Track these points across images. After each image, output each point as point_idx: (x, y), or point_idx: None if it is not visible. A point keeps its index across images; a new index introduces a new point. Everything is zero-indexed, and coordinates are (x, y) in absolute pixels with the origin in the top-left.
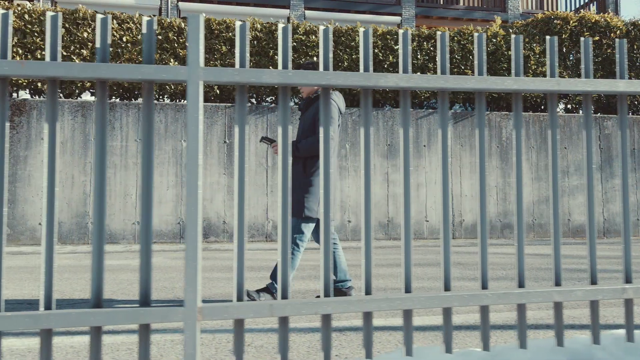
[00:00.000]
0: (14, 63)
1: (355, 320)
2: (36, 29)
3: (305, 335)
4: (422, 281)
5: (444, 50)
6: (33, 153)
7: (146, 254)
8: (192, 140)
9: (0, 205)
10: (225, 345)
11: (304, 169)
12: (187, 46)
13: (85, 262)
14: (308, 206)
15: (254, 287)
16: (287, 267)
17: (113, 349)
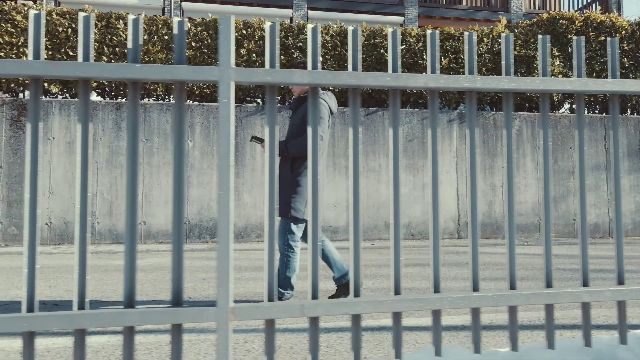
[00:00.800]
0: (47, 64)
1: (370, 320)
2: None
3: (322, 335)
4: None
5: (471, 51)
6: (40, 153)
7: (178, 254)
8: (224, 140)
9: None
10: (242, 345)
11: (292, 169)
12: (218, 47)
13: (94, 262)
14: (294, 206)
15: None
16: (316, 267)
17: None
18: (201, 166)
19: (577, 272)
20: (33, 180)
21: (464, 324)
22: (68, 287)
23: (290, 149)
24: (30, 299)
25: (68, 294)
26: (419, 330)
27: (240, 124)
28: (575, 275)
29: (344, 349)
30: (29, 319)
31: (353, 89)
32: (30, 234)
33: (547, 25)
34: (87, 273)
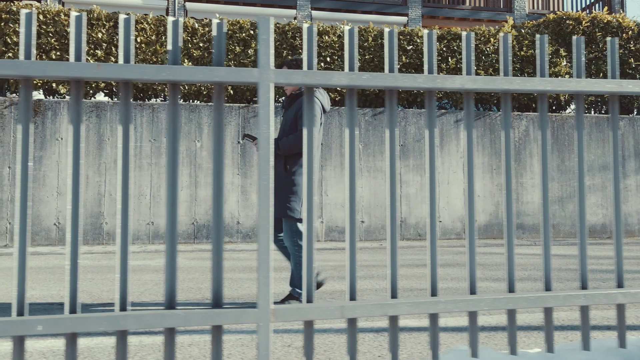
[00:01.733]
0: (91, 66)
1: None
2: (50, 29)
3: (342, 335)
4: (446, 282)
5: (506, 52)
6: (48, 153)
7: (217, 256)
8: (263, 141)
9: None
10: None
11: (285, 168)
12: (257, 49)
13: (104, 262)
14: (291, 207)
15: (282, 287)
16: (354, 269)
17: (155, 349)
18: (209, 166)
19: (592, 272)
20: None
21: (484, 325)
22: (83, 288)
23: (282, 146)
24: (72, 301)
25: (84, 294)
26: (440, 331)
27: (248, 124)
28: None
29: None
30: (73, 320)
31: (389, 90)
32: (73, 235)
33: (553, 26)
34: (128, 275)
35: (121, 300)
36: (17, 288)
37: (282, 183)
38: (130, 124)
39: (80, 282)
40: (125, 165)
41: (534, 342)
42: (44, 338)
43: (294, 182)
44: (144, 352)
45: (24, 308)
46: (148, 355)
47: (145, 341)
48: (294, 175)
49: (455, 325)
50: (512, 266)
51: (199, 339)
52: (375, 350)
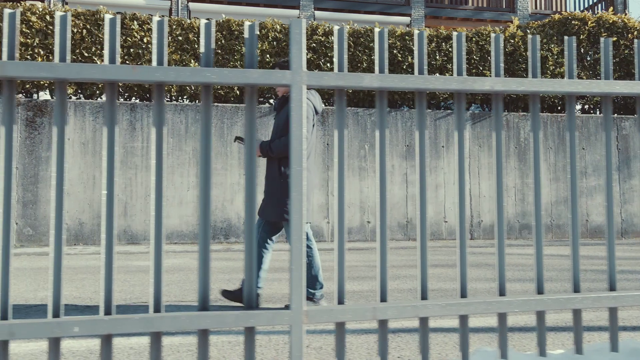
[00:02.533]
0: (125, 68)
1: (406, 322)
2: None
3: (360, 336)
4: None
5: (535, 53)
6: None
7: (249, 258)
8: (296, 142)
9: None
10: (283, 347)
11: (279, 171)
12: (290, 51)
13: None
14: (288, 210)
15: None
16: (385, 270)
17: (173, 349)
18: (215, 167)
19: (601, 273)
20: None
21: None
22: (96, 289)
23: (274, 149)
24: (107, 302)
25: (98, 295)
26: (457, 332)
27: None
28: (599, 277)
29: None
30: (109, 322)
31: (419, 92)
32: (107, 239)
33: (559, 26)
34: (162, 277)
35: (155, 302)
36: (53, 289)
37: (277, 186)
38: (163, 126)
39: (90, 282)
40: (159, 166)
41: (551, 343)
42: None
43: (289, 185)
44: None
45: (60, 309)
46: (168, 356)
47: (164, 342)
48: (288, 178)
49: (473, 326)
50: (541, 268)
51: (216, 339)
52: (394, 352)
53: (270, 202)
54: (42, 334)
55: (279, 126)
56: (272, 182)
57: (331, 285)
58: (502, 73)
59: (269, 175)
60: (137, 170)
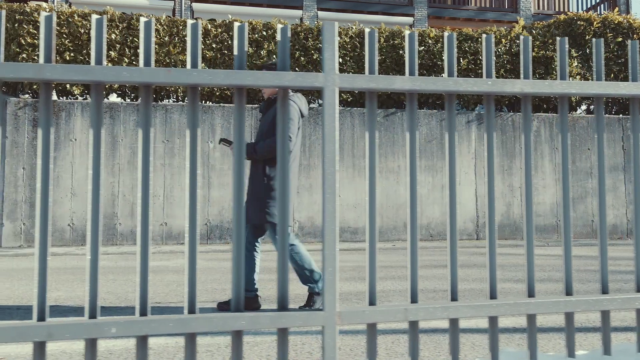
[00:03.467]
0: (160, 71)
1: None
2: (64, 30)
3: (384, 337)
4: (468, 283)
5: (563, 56)
6: (62, 154)
7: (283, 260)
8: (329, 144)
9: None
10: (300, 348)
11: (264, 173)
12: (322, 53)
13: (122, 263)
14: (270, 212)
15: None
16: (415, 271)
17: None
18: (222, 167)
19: (611, 274)
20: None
21: (517, 326)
22: (108, 289)
23: (259, 151)
24: (143, 304)
25: (110, 295)
26: (472, 333)
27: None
28: (611, 277)
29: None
30: (145, 323)
31: (449, 94)
32: (142, 241)
33: (564, 27)
34: (196, 278)
35: (189, 303)
36: (89, 290)
37: (261, 188)
38: (197, 128)
39: (103, 282)
40: (193, 168)
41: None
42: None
43: (272, 187)
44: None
45: (96, 310)
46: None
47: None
48: (273, 180)
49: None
50: (569, 270)
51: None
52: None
53: (253, 205)
54: (80, 334)
55: (263, 128)
56: (256, 184)
57: (357, 286)
58: (530, 76)
59: (253, 178)
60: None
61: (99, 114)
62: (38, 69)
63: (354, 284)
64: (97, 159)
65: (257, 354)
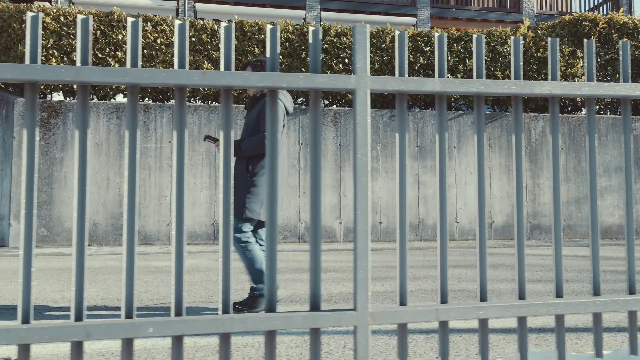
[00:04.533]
0: (196, 73)
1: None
2: (72, 30)
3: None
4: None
5: (590, 59)
6: (69, 155)
7: (315, 261)
8: (361, 145)
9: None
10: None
11: (246, 169)
12: (354, 55)
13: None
14: (250, 207)
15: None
16: (445, 272)
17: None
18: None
19: (620, 274)
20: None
21: (542, 327)
22: (121, 290)
23: (244, 148)
24: (178, 304)
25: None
26: (492, 333)
27: None
28: (619, 277)
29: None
30: (182, 323)
31: (478, 96)
32: (177, 242)
33: (569, 27)
34: (231, 279)
35: (223, 304)
36: (126, 291)
37: (243, 184)
38: (231, 130)
39: (114, 282)
40: (227, 168)
41: (586, 344)
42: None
43: (254, 183)
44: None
45: (132, 310)
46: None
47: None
48: (255, 176)
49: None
50: (597, 271)
51: (252, 340)
52: (430, 352)
53: (235, 200)
54: (117, 334)
55: (249, 125)
56: (238, 181)
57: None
58: (558, 77)
59: (236, 174)
60: (150, 170)
61: (134, 116)
62: (75, 71)
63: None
64: (133, 161)
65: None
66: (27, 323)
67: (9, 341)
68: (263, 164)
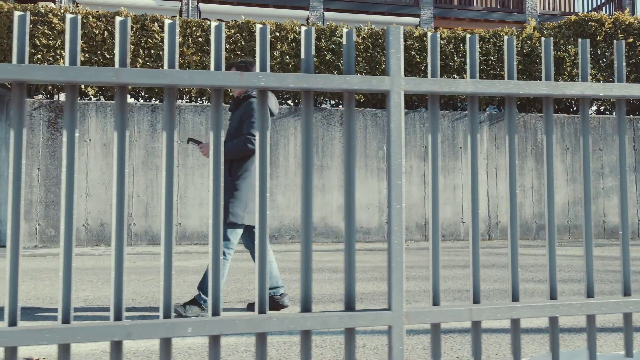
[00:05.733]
0: (233, 75)
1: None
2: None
3: (412, 337)
4: (490, 283)
5: (620, 59)
6: (77, 155)
7: (350, 261)
8: (395, 147)
9: None
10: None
11: (230, 172)
12: (387, 57)
13: (140, 263)
14: (233, 211)
15: (321, 287)
16: (477, 272)
17: (232, 350)
18: None
19: (636, 274)
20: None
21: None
22: (134, 289)
23: (226, 151)
24: (215, 303)
25: (136, 295)
26: (504, 333)
27: (274, 126)
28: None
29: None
30: (220, 323)
31: (509, 97)
32: (214, 243)
33: (575, 27)
34: (266, 279)
35: (260, 304)
36: (164, 291)
37: (226, 188)
38: (267, 130)
39: (126, 282)
40: (263, 168)
41: (604, 344)
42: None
43: (236, 186)
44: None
45: (170, 310)
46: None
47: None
48: (237, 179)
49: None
50: (627, 271)
51: (270, 340)
52: (450, 352)
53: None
54: (157, 334)
55: (232, 127)
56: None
57: (382, 287)
58: (588, 78)
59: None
60: (157, 171)
61: (171, 118)
62: (115, 73)
63: (377, 285)
64: (170, 163)
65: (296, 353)
66: (67, 323)
67: (50, 341)
68: (245, 166)
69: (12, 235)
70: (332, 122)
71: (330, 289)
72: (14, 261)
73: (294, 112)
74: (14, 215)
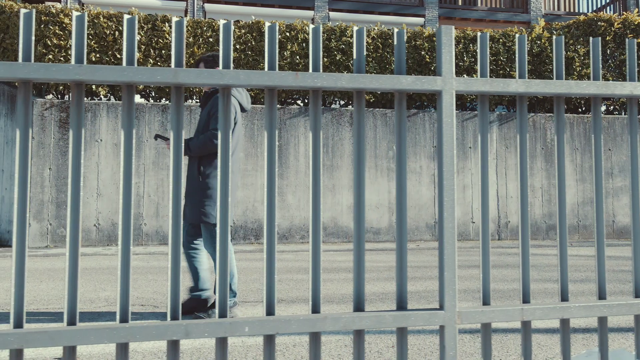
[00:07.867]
0: (288, 75)
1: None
2: (90, 31)
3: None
4: (504, 283)
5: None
6: (88, 155)
7: (401, 261)
8: (447, 148)
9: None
10: (387, 345)
11: (198, 171)
12: (440, 58)
13: (153, 263)
14: (206, 211)
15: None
16: (527, 272)
17: (282, 348)
18: (245, 167)
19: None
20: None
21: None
22: (154, 289)
23: (192, 147)
24: (268, 303)
25: (157, 295)
26: (534, 333)
27: (285, 126)
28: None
29: None
30: (276, 322)
31: (558, 97)
32: (268, 244)
33: (585, 27)
34: (320, 279)
35: (313, 304)
36: (219, 291)
37: (196, 187)
38: (319, 131)
39: (137, 282)
40: (271, 170)
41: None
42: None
43: (208, 185)
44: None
45: (226, 310)
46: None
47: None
48: (208, 178)
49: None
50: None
51: (300, 339)
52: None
53: (189, 203)
54: (215, 333)
55: (200, 123)
56: (192, 182)
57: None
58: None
59: (189, 175)
60: (169, 171)
61: (226, 117)
62: (174, 73)
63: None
64: (178, 164)
65: (327, 353)
66: (125, 322)
67: (110, 339)
68: (215, 164)
69: (70, 233)
70: (342, 122)
71: (348, 289)
72: (73, 261)
73: (304, 112)
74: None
